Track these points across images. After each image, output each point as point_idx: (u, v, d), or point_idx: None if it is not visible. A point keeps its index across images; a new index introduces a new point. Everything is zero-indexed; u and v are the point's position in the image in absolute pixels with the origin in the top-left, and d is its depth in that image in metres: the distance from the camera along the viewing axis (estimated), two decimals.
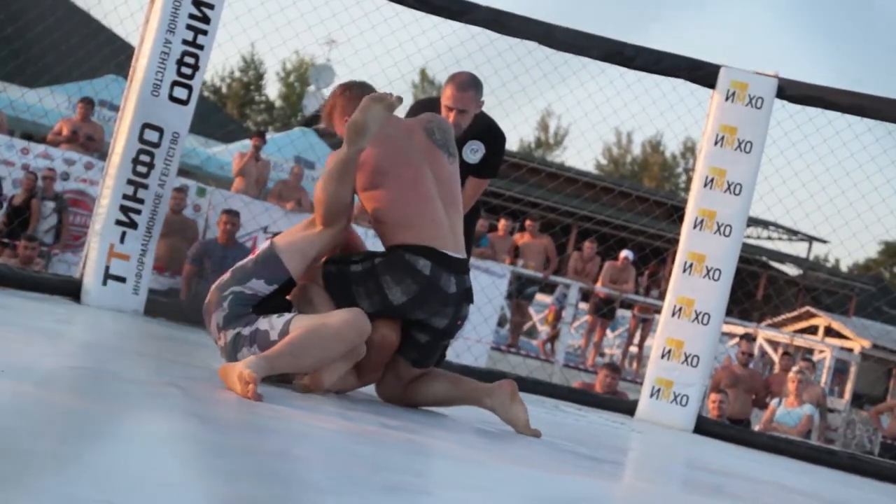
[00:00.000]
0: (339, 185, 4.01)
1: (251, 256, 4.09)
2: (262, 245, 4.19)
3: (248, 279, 3.97)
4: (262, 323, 3.88)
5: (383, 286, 3.98)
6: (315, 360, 3.82)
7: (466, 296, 4.15)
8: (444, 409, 4.41)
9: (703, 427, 6.99)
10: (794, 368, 11.97)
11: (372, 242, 4.81)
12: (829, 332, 20.79)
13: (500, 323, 15.07)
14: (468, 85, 5.17)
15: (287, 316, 3.88)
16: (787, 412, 11.19)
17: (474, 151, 5.37)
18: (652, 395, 6.89)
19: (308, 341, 3.77)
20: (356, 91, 4.26)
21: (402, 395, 4.26)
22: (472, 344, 12.53)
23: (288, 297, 4.06)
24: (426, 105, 5.38)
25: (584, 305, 16.25)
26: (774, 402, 11.52)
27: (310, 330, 3.79)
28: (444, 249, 4.05)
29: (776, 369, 14.09)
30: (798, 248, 32.23)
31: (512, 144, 40.99)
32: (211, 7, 6.37)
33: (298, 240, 4.09)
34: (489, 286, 12.62)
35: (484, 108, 5.45)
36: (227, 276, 4.05)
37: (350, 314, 3.86)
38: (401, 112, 4.59)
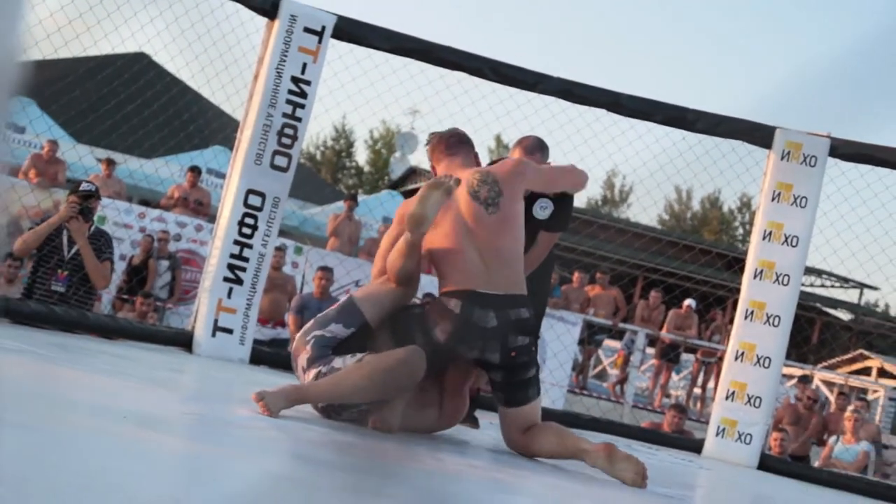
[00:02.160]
0: (406, 262, 4.09)
1: (333, 307, 4.15)
2: (343, 298, 4.26)
3: (329, 324, 4.04)
4: (337, 362, 3.92)
5: (429, 328, 4.00)
6: (356, 391, 3.79)
7: (515, 327, 4.04)
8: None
9: (767, 464, 6.85)
10: (850, 407, 11.72)
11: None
12: (882, 372, 20.35)
13: (575, 367, 14.96)
14: (534, 148, 5.18)
15: (359, 356, 3.90)
16: (845, 449, 10.93)
17: (543, 208, 5.35)
18: (717, 434, 6.78)
19: (352, 373, 3.79)
20: (445, 139, 4.46)
21: (521, 444, 4.17)
22: (549, 388, 12.44)
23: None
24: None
25: (650, 350, 16.08)
26: (832, 439, 11.26)
27: (359, 364, 3.82)
28: (478, 288, 4.02)
29: (832, 409, 13.80)
30: (851, 295, 31.60)
31: (581, 202, 40.94)
32: (308, 83, 6.44)
33: (374, 291, 4.19)
34: (564, 334, 12.55)
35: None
36: (310, 324, 4.11)
37: (405, 352, 3.87)
38: None
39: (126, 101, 10.80)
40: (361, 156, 49.55)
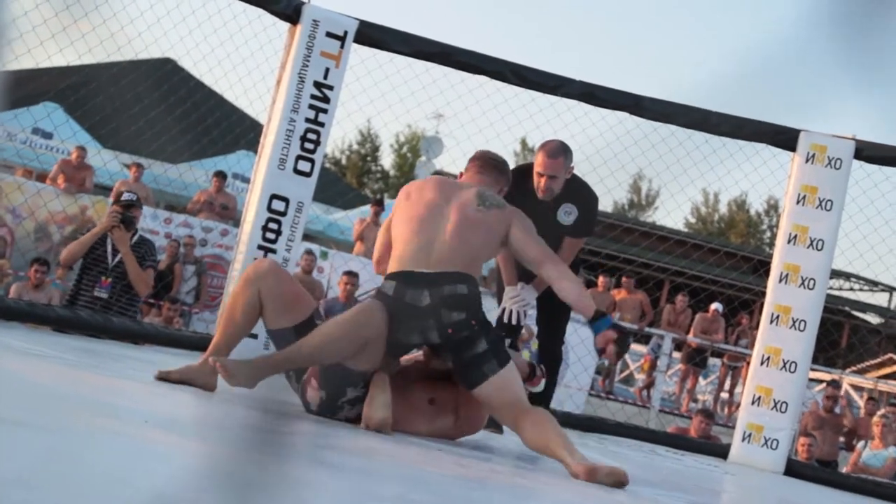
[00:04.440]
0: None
1: None
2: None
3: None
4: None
5: None
6: (321, 348, 3.80)
7: (449, 303, 3.91)
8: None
9: (794, 469, 6.81)
10: (879, 412, 11.65)
11: None
12: None
13: (599, 371, 14.95)
14: (558, 152, 5.17)
15: None
16: (873, 454, 10.86)
17: (568, 213, 5.35)
18: (744, 440, 6.74)
19: (314, 333, 3.83)
20: (485, 158, 4.50)
21: (511, 427, 4.01)
22: (573, 392, 12.43)
23: None
24: (521, 171, 5.40)
25: (677, 355, 16.05)
26: (860, 444, 11.20)
27: (319, 326, 3.90)
28: (411, 268, 3.97)
29: (861, 413, 13.72)
30: (879, 298, 31.40)
31: (607, 206, 40.79)
32: (330, 88, 6.46)
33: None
34: (588, 338, 12.52)
35: (579, 173, 5.43)
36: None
37: (361, 304, 3.97)
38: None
39: (151, 106, 10.86)
40: (387, 160, 49.64)
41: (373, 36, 6.62)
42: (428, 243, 4.01)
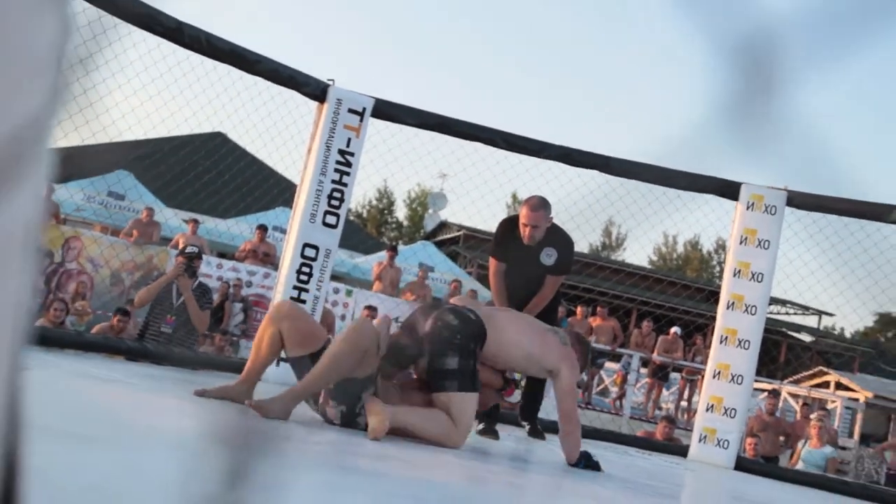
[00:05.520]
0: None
1: None
2: None
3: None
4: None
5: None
6: (332, 367, 3.74)
7: (454, 310, 4.05)
8: (543, 456, 4.28)
9: (742, 465, 6.75)
10: (813, 415, 11.55)
11: None
12: (839, 386, 20.07)
13: (579, 385, 14.86)
14: (539, 206, 5.18)
15: None
16: (809, 452, 10.77)
17: (549, 256, 5.35)
18: (700, 441, 6.69)
19: (323, 359, 3.77)
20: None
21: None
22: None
23: None
24: (511, 221, 5.40)
25: (644, 370, 15.97)
26: (800, 443, 11.10)
27: (326, 352, 3.83)
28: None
29: (798, 417, 13.61)
30: (810, 321, 31.26)
31: (583, 248, 40.77)
32: (352, 155, 6.47)
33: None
34: None
35: (558, 221, 5.42)
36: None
37: (353, 323, 3.91)
38: (491, 225, 4.59)
39: (205, 171, 10.89)
40: (401, 212, 49.69)
41: (386, 111, 6.64)
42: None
